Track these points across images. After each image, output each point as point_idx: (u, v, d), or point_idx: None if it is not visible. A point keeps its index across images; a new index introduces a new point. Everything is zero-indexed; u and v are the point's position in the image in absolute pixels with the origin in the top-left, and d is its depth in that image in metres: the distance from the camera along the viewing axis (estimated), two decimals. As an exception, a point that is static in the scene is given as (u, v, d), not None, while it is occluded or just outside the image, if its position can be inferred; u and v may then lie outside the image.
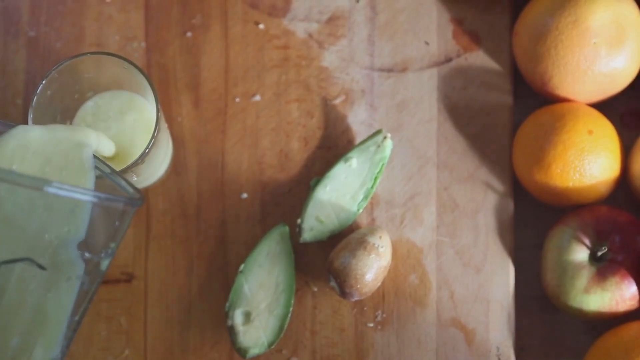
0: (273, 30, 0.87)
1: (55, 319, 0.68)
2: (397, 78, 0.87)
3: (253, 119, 0.86)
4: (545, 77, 0.83)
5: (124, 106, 0.79)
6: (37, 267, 0.66)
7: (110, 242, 0.69)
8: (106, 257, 0.69)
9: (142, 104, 0.79)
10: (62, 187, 0.63)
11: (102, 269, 0.69)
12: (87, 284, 0.69)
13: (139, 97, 0.79)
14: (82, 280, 0.68)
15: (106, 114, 0.79)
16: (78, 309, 0.69)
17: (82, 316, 0.70)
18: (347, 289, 0.80)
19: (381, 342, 0.84)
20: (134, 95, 0.79)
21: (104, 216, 0.68)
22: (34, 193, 0.65)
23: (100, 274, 0.69)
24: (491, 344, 0.83)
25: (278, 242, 0.83)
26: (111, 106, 0.79)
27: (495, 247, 0.84)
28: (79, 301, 0.69)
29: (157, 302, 0.84)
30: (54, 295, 0.67)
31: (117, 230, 0.68)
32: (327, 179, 0.83)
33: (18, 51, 0.87)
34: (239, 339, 0.81)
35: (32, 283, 0.67)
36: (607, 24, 0.81)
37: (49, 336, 0.68)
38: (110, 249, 0.69)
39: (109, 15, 0.88)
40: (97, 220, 0.67)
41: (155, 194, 0.86)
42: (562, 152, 0.80)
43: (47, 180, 0.63)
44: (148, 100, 0.79)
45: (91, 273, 0.68)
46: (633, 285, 0.79)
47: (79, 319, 0.69)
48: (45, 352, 0.68)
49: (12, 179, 0.63)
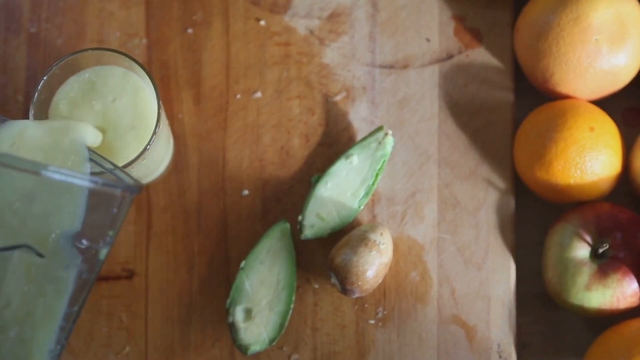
0: (274, 27, 0.87)
1: (53, 310, 0.68)
2: (398, 75, 0.87)
3: (254, 115, 0.86)
4: (546, 74, 0.82)
5: (117, 85, 0.78)
6: (35, 255, 0.66)
7: (109, 230, 0.69)
8: (104, 246, 0.69)
9: (137, 83, 0.78)
10: (59, 171, 0.63)
11: (100, 258, 0.69)
12: (86, 273, 0.69)
13: (134, 75, 0.78)
14: (80, 269, 0.68)
15: (100, 92, 0.78)
16: (77, 300, 0.69)
17: (81, 307, 0.70)
18: (348, 285, 0.80)
19: (382, 339, 0.83)
20: (129, 72, 0.78)
21: (102, 204, 0.68)
22: (32, 180, 0.65)
23: (99, 263, 0.69)
24: (492, 341, 0.83)
25: (279, 239, 0.83)
26: (106, 85, 0.78)
27: (497, 244, 0.84)
28: (78, 291, 0.69)
29: (158, 299, 0.84)
30: (52, 284, 0.67)
31: (115, 218, 0.68)
32: (328, 175, 0.83)
33: (19, 48, 0.87)
34: (240, 335, 0.81)
35: (30, 272, 0.67)
36: (609, 21, 0.81)
37: (47, 327, 0.68)
38: (109, 237, 0.69)
39: (110, 11, 0.88)
40: (94, 208, 0.67)
41: (156, 191, 0.85)
42: (564, 149, 0.80)
43: (44, 165, 0.63)
44: (144, 80, 0.78)
45: (89, 262, 0.68)
46: (634, 282, 0.79)
47: (78, 310, 0.69)
48: (43, 343, 0.68)
49: (10, 162, 0.63)
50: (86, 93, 0.77)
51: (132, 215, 0.85)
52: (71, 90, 0.77)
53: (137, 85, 0.77)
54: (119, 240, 0.85)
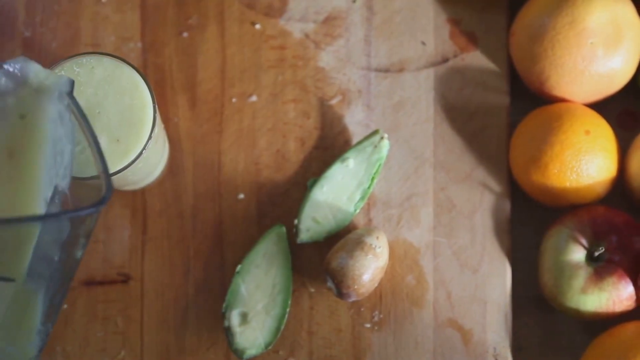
0: (269, 30, 0.87)
1: (28, 308, 0.68)
2: (393, 78, 0.87)
3: (249, 119, 0.86)
4: (542, 78, 0.83)
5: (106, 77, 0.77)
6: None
7: (81, 239, 0.68)
8: (80, 249, 0.69)
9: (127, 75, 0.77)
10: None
11: (77, 258, 0.69)
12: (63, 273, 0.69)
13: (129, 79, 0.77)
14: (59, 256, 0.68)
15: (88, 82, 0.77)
16: (55, 297, 0.69)
17: (60, 304, 0.69)
18: (344, 289, 0.80)
19: (378, 342, 0.83)
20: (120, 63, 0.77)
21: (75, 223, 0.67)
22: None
23: (76, 262, 0.69)
24: (488, 345, 0.83)
25: (275, 242, 0.83)
26: (93, 75, 0.77)
27: (492, 248, 0.84)
28: (55, 289, 0.68)
29: (153, 303, 0.84)
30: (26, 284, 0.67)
31: (86, 230, 0.68)
32: (324, 179, 0.83)
33: (14, 52, 0.87)
34: (236, 339, 0.81)
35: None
36: (604, 24, 0.81)
37: (25, 328, 0.68)
38: (81, 244, 0.68)
39: (105, 15, 0.87)
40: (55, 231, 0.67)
41: (151, 195, 0.85)
42: (559, 153, 0.80)
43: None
44: (139, 84, 0.77)
45: (66, 262, 0.68)
46: (630, 285, 0.79)
47: (57, 305, 0.69)
48: (21, 345, 0.68)
49: None
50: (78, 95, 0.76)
51: (127, 220, 0.85)
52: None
53: (132, 89, 0.77)
54: (114, 245, 0.85)
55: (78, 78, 0.76)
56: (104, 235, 0.85)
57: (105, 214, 0.85)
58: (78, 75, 0.76)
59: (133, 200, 0.85)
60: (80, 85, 0.75)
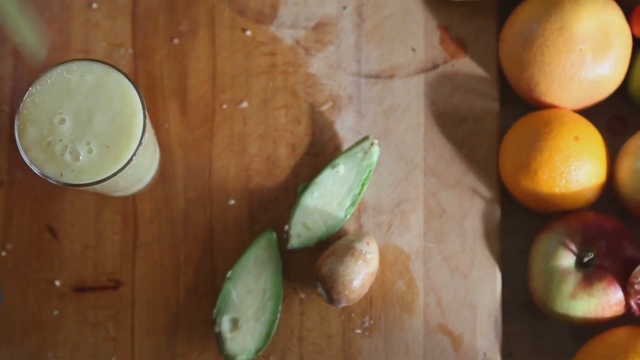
0: (260, 36, 0.88)
1: None
2: (384, 84, 0.87)
3: (240, 125, 0.87)
4: (531, 84, 0.83)
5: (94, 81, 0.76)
6: None
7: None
8: None
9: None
10: None
11: None
12: None
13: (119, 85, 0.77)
14: None
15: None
16: None
17: None
18: (335, 295, 0.80)
19: (369, 348, 0.84)
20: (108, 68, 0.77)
21: None
22: None
23: None
24: (478, 350, 0.83)
25: (265, 248, 0.83)
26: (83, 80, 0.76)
27: (482, 253, 0.84)
28: None
29: (144, 309, 0.84)
30: None
31: None
32: (315, 185, 0.83)
33: (5, 58, 0.87)
34: (227, 345, 0.81)
35: None
36: (593, 31, 0.81)
37: None
38: None
39: (96, 22, 0.88)
40: None
41: (142, 201, 0.85)
42: (549, 158, 0.81)
43: None
44: (129, 90, 0.76)
45: None
46: (619, 291, 0.79)
47: None
48: None
49: None
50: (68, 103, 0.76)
51: (118, 226, 0.85)
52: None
53: (122, 96, 0.77)
54: (104, 251, 0.85)
55: (69, 84, 0.76)
56: (95, 241, 0.85)
57: (96, 220, 0.85)
58: (69, 81, 0.76)
59: (124, 206, 0.85)
60: (71, 91, 0.76)
